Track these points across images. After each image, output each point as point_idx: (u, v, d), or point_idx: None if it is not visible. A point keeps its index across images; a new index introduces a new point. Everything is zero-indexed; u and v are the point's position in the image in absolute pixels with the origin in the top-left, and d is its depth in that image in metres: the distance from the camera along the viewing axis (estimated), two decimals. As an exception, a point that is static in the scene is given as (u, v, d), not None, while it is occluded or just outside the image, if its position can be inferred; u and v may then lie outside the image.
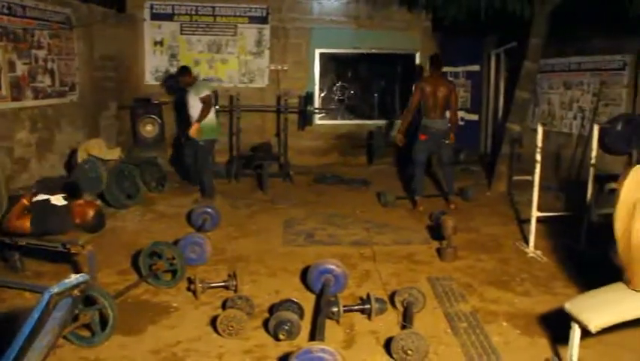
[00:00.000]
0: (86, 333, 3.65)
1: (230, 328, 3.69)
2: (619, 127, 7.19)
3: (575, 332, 3.12)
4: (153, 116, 8.85)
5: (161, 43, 9.84)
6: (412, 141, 7.18)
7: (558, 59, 9.25)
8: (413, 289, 4.14)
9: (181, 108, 8.13)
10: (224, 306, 4.09)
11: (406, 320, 3.82)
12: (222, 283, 4.48)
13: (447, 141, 7.10)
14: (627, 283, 3.18)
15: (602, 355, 3.56)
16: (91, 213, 4.56)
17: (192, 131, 7.14)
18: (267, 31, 10.01)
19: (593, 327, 2.99)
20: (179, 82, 7.64)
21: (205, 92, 7.23)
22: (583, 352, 3.42)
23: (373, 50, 10.50)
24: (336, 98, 11.03)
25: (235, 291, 4.36)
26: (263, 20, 9.99)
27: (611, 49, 8.22)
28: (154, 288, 4.54)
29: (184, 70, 7.47)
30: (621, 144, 7.20)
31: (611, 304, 3.08)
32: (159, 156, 8.52)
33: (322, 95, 10.72)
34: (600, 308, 3.06)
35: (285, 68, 10.12)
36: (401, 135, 7.14)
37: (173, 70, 9.62)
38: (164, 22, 9.80)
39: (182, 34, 9.87)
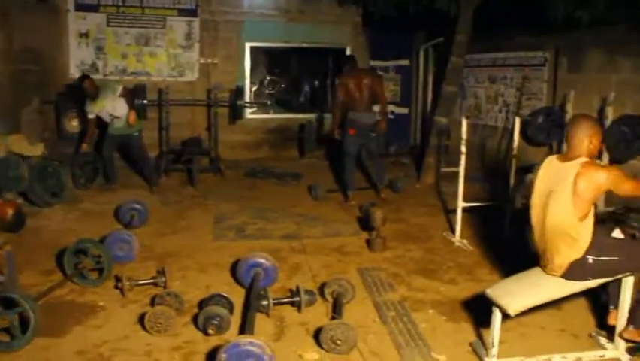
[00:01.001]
0: (4, 338, 3.50)
1: (159, 325, 3.63)
2: (539, 120, 7.51)
3: (496, 317, 3.23)
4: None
5: (86, 35, 9.48)
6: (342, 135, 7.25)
7: (484, 54, 9.54)
8: (342, 280, 4.19)
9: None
10: (152, 303, 4.02)
11: (336, 310, 3.86)
12: (151, 280, 4.40)
13: (374, 134, 7.19)
14: (543, 268, 3.34)
15: (522, 336, 3.72)
16: (9, 212, 4.39)
17: (132, 119, 7.35)
18: (196, 24, 9.84)
19: (512, 311, 3.12)
20: (85, 90, 7.45)
21: (120, 86, 7.41)
22: (504, 335, 3.55)
23: (304, 44, 10.52)
24: (268, 91, 11.00)
25: (164, 287, 4.29)
26: (192, 13, 9.80)
27: (533, 45, 8.55)
28: (80, 287, 4.40)
29: (87, 77, 7.49)
30: (541, 135, 7.52)
31: (528, 289, 3.22)
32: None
33: (253, 89, 10.66)
34: (518, 293, 3.19)
35: (216, 62, 9.99)
36: (337, 130, 7.19)
37: (100, 63, 9.36)
38: (89, 14, 9.44)
39: (108, 26, 9.55)
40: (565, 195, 3.09)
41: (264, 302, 3.88)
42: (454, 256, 5.25)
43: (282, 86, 11.25)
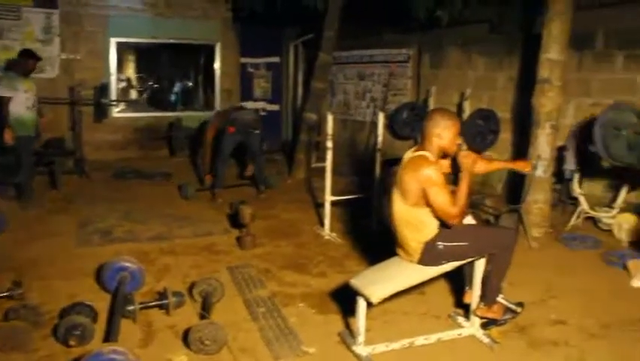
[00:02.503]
0: None
1: (11, 341, 3.38)
2: (404, 114, 7.84)
3: (361, 306, 3.33)
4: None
5: None
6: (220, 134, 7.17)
7: (353, 51, 9.80)
8: (211, 279, 4.14)
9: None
10: (6, 318, 3.74)
11: (205, 310, 3.81)
12: (6, 293, 4.07)
13: (256, 131, 7.18)
14: (400, 256, 3.49)
15: (387, 322, 3.87)
16: None
17: None
18: (56, 16, 9.27)
19: (375, 299, 3.23)
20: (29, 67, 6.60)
21: None
22: (371, 322, 3.70)
23: (172, 40, 10.27)
24: (136, 89, 10.63)
25: (22, 300, 4.01)
26: (51, 4, 9.20)
27: (399, 43, 8.91)
28: None
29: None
30: (407, 129, 7.86)
31: (389, 277, 3.35)
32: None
33: (120, 86, 10.25)
34: (380, 281, 3.31)
35: (79, 58, 9.49)
36: (208, 175, 7.20)
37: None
38: None
39: (-46, 15, 8.78)
40: (399, 185, 3.28)
41: (130, 307, 3.74)
42: (324, 250, 5.36)
43: (151, 83, 10.92)
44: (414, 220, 3.30)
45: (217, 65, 10.53)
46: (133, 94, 10.67)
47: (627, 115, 5.02)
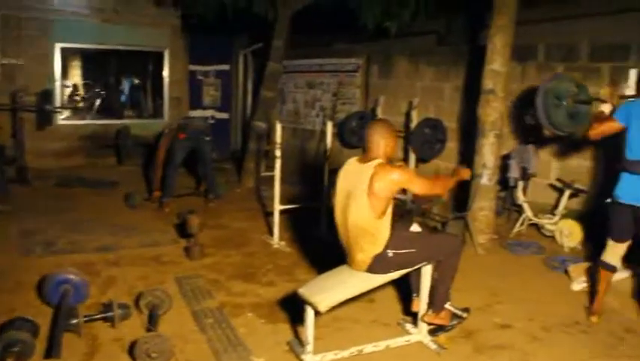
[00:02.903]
0: None
1: None
2: (353, 123, 7.90)
3: (309, 315, 3.33)
4: None
5: None
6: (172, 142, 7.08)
7: (303, 60, 9.85)
8: (158, 290, 4.07)
9: None
10: None
11: (151, 322, 3.74)
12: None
13: (207, 138, 7.11)
14: (349, 264, 3.52)
15: (337, 330, 3.88)
16: None
17: None
18: (-6, 20, 8.97)
19: (323, 308, 3.23)
20: None
21: None
22: (320, 331, 3.70)
23: (120, 47, 10.07)
24: (81, 96, 10.38)
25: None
26: (-12, 7, 8.89)
27: (348, 52, 9.01)
28: None
29: None
30: (355, 138, 7.92)
31: (336, 285, 3.37)
32: None
33: (66, 92, 9.99)
34: (328, 290, 3.32)
35: (21, 63, 9.19)
36: (157, 191, 7.04)
37: None
38: None
39: None
40: (363, 195, 3.28)
41: (73, 321, 3.63)
42: (272, 259, 5.34)
43: (98, 90, 10.69)
44: (373, 230, 3.33)
45: (166, 73, 10.38)
46: (79, 101, 10.39)
47: (567, 84, 5.05)
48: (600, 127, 4.03)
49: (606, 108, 4.20)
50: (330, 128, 5.97)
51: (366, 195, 3.26)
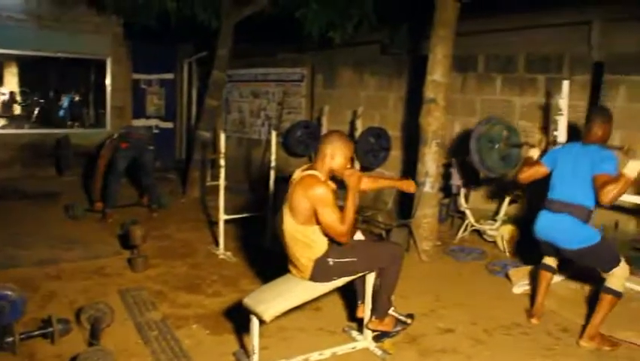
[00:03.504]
0: None
1: None
2: (298, 133, 7.94)
3: (254, 324, 3.31)
4: None
5: None
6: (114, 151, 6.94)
7: (248, 69, 9.85)
8: (100, 303, 3.97)
9: None
10: None
11: (93, 336, 3.65)
12: None
13: (150, 147, 7.00)
14: (292, 273, 3.53)
15: (283, 340, 3.87)
16: None
17: None
18: None
19: (267, 317, 3.22)
20: None
21: None
22: (266, 340, 3.71)
23: (60, 54, 9.80)
24: (19, 104, 10.05)
25: None
26: None
27: (293, 62, 9.06)
28: None
29: None
30: (301, 147, 7.96)
31: (281, 294, 3.36)
32: None
33: (1, 100, 9.66)
34: (272, 299, 3.31)
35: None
36: (98, 202, 6.89)
37: None
38: None
39: None
40: (287, 202, 3.32)
41: (9, 339, 3.51)
42: (218, 269, 5.29)
43: (37, 98, 10.37)
44: (304, 238, 3.35)
45: (108, 81, 10.17)
46: (16, 109, 10.06)
47: (499, 128, 5.38)
48: (528, 171, 4.26)
49: (534, 153, 4.45)
50: (275, 137, 5.98)
51: (288, 203, 3.29)
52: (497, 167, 5.38)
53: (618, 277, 3.85)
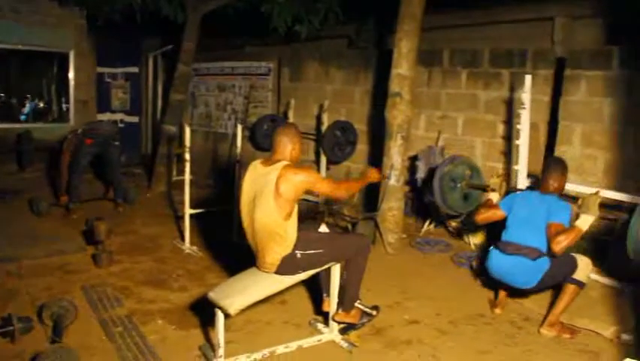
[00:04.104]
0: None
1: None
2: (265, 126, 7.89)
3: (219, 318, 3.30)
4: None
5: None
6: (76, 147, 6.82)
7: (214, 63, 9.77)
8: (63, 300, 3.90)
9: None
10: None
11: (56, 334, 3.59)
12: None
13: (115, 143, 6.90)
14: (258, 266, 3.53)
15: (249, 333, 3.88)
16: None
17: None
18: None
19: (232, 311, 3.22)
20: None
21: None
22: (233, 334, 3.72)
23: (20, 47, 9.57)
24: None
25: None
26: None
27: (259, 56, 9.02)
28: None
29: None
30: (267, 141, 7.91)
31: (246, 288, 3.36)
32: None
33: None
34: (237, 293, 3.31)
35: None
36: (63, 196, 6.79)
37: None
38: None
39: None
40: (269, 197, 3.30)
41: (-34, 338, 3.44)
42: (184, 264, 5.26)
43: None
44: (281, 232, 3.34)
45: (71, 75, 9.97)
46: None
47: (461, 168, 5.54)
48: (485, 213, 4.42)
49: (494, 197, 4.62)
50: (240, 131, 5.95)
51: (272, 197, 3.29)
52: (458, 206, 5.56)
53: (583, 270, 3.97)
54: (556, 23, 5.93)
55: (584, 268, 3.99)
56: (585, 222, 3.84)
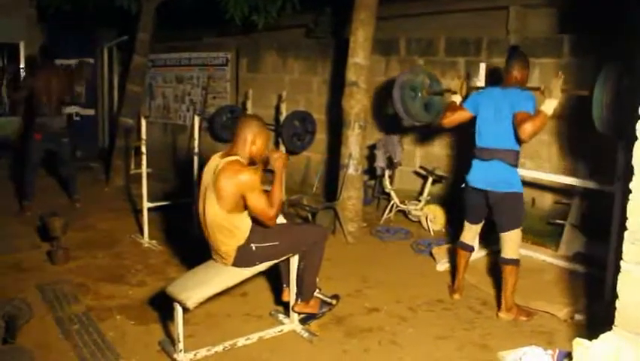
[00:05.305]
0: None
1: None
2: (224, 118, 7.82)
3: (178, 312, 3.28)
4: None
5: None
6: (26, 141, 6.64)
7: (171, 54, 9.64)
8: (15, 300, 3.82)
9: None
10: None
11: (9, 334, 3.52)
12: None
13: (65, 140, 6.74)
14: (215, 259, 3.52)
15: (209, 326, 3.87)
16: None
17: None
18: None
19: (191, 304, 3.21)
20: None
21: None
22: (193, 328, 3.72)
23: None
24: None
25: None
26: None
27: (217, 46, 8.93)
28: None
29: None
30: (226, 132, 7.85)
31: (204, 281, 3.35)
32: None
33: None
34: (195, 286, 3.29)
35: None
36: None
37: None
38: None
39: None
40: (212, 190, 3.30)
41: None
42: (143, 258, 5.19)
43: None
44: (229, 225, 3.33)
45: (22, 66, 9.70)
46: None
47: (421, 77, 5.37)
48: (452, 116, 4.34)
49: (456, 99, 4.56)
50: (197, 122, 5.90)
51: (213, 191, 3.27)
52: (420, 115, 5.36)
53: (513, 242, 4.00)
54: (510, 12, 6.01)
55: (515, 239, 4.00)
56: (549, 105, 3.84)
